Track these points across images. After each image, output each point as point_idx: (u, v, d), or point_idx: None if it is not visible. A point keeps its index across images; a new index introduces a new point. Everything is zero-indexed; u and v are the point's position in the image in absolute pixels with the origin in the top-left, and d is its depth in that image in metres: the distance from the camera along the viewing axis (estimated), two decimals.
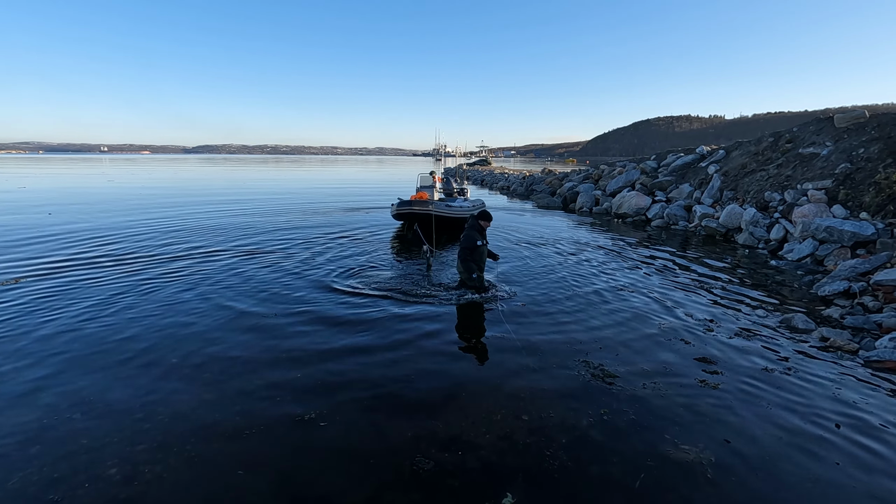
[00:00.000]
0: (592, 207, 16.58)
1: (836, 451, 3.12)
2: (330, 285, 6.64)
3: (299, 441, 3.15)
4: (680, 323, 5.42)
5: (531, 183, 24.22)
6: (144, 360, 4.32)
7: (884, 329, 5.05)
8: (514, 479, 2.80)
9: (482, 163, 57.50)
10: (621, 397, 3.76)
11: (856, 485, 2.80)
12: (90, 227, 11.41)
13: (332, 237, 10.44)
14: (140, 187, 24.74)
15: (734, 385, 3.98)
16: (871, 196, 8.83)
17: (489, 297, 6.15)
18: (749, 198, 11.64)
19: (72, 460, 2.93)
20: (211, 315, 5.46)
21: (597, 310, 5.79)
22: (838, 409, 3.64)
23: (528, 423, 3.38)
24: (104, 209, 14.94)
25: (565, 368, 4.25)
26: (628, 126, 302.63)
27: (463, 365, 4.34)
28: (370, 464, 2.93)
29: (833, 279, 6.58)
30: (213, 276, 7.10)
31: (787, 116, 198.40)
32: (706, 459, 2.98)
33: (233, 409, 3.52)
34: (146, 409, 3.51)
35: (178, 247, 9.19)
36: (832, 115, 12.34)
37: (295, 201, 18.55)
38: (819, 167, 10.75)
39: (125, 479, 2.77)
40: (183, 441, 3.12)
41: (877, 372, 4.26)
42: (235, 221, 12.82)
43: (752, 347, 4.77)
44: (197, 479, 2.79)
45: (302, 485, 2.76)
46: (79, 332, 4.93)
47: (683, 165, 15.91)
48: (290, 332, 5.00)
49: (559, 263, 8.22)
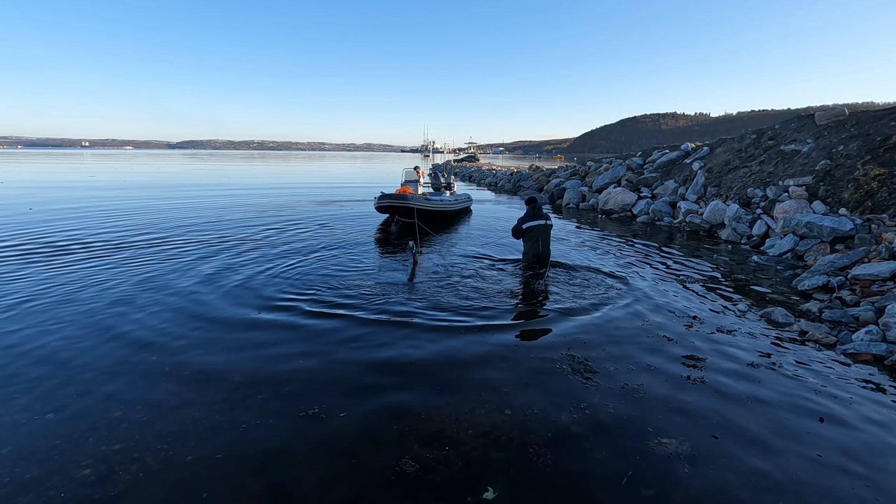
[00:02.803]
0: (579, 204, 16.66)
1: (817, 443, 3.17)
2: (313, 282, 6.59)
3: (280, 438, 3.11)
4: (663, 318, 5.47)
5: (519, 179, 24.28)
6: (122, 356, 4.23)
7: (860, 322, 5.16)
8: (496, 474, 2.80)
9: (470, 159, 57.43)
10: (604, 391, 3.78)
11: (835, 477, 2.85)
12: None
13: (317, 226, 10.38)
14: (122, 182, 24.33)
15: (716, 379, 4.03)
16: (850, 192, 9.00)
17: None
18: (732, 194, 11.79)
19: (44, 461, 2.86)
20: (184, 310, 5.38)
21: (579, 304, 5.82)
22: (817, 401, 3.70)
23: (511, 418, 3.38)
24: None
25: (549, 363, 4.26)
26: (615, 123, 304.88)
27: (446, 359, 4.32)
28: (353, 461, 2.91)
29: (812, 274, 6.70)
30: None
31: (771, 114, 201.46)
32: (687, 453, 3.01)
33: (213, 407, 3.46)
34: (123, 407, 3.44)
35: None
36: (813, 113, 12.54)
37: (284, 195, 18.42)
38: (800, 164, 10.93)
39: (99, 479, 2.72)
40: (160, 440, 3.06)
41: (853, 364, 4.35)
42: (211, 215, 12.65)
43: (734, 341, 4.83)
44: (174, 479, 2.74)
45: (283, 482, 2.72)
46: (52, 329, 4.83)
47: (668, 162, 16.07)
48: (271, 331, 4.94)
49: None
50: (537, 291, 6.30)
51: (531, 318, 5.39)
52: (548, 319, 5.33)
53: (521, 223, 7.00)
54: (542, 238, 6.94)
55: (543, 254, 6.92)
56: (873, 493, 2.71)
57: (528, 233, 6.95)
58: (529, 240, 6.99)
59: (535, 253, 6.91)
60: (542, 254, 6.92)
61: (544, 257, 6.92)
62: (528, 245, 6.99)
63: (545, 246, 6.95)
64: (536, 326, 5.13)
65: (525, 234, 7.00)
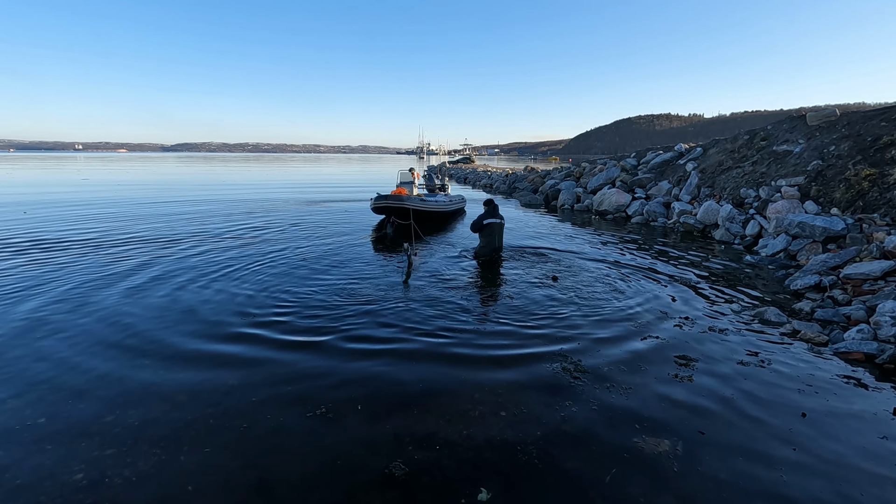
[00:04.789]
0: (574, 205, 16.71)
1: (805, 441, 3.20)
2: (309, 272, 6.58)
3: (275, 441, 3.11)
4: (655, 317, 5.50)
5: (514, 181, 24.31)
6: (116, 355, 4.21)
7: (852, 321, 5.20)
8: (490, 475, 2.81)
9: (466, 161, 57.47)
10: (596, 391, 3.79)
11: (825, 475, 2.87)
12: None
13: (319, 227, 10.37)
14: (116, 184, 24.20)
15: (707, 378, 4.05)
16: (841, 192, 9.07)
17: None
18: (725, 194, 11.86)
19: (36, 466, 2.84)
20: (181, 308, 5.36)
21: (573, 305, 5.83)
22: (807, 399, 3.73)
23: (505, 419, 3.39)
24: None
25: (542, 363, 4.28)
26: (610, 124, 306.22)
27: (440, 361, 4.32)
28: (347, 463, 2.90)
29: (805, 273, 6.74)
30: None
31: (763, 115, 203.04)
32: (677, 453, 3.02)
33: (205, 410, 3.45)
34: (115, 411, 3.42)
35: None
36: (805, 114, 12.64)
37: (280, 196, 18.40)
38: (792, 164, 11.01)
39: (92, 483, 2.70)
40: (152, 444, 3.05)
41: (845, 363, 4.38)
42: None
43: (726, 341, 4.86)
44: (166, 482, 2.72)
45: (277, 485, 2.72)
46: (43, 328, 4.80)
47: (662, 163, 16.14)
48: (272, 331, 4.93)
49: (536, 259, 8.26)
50: (530, 293, 6.31)
51: (522, 318, 5.39)
52: (541, 321, 5.34)
53: (482, 219, 8.11)
54: (498, 233, 8.16)
55: (498, 247, 8.21)
56: (859, 491, 2.73)
57: (486, 228, 8.06)
58: (487, 235, 8.08)
59: (491, 246, 8.08)
60: (498, 247, 8.19)
61: (499, 249, 8.22)
62: (485, 239, 8.11)
63: (500, 240, 8.21)
64: (527, 327, 5.14)
65: (484, 230, 8.09)
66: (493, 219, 8.07)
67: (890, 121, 10.11)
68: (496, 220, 8.10)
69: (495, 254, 8.12)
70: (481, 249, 8.13)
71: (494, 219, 8.10)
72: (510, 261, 8.10)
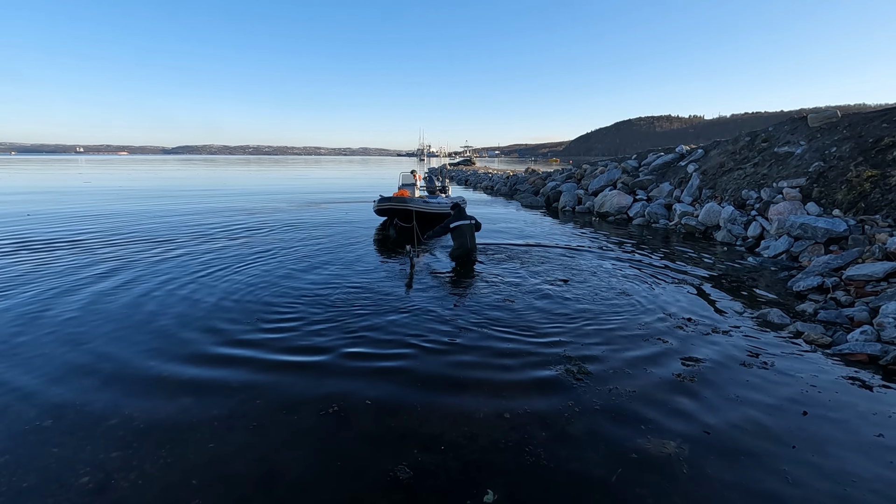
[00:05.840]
0: (575, 206, 16.72)
1: (809, 442, 3.20)
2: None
3: (279, 442, 3.11)
4: (658, 319, 5.50)
5: (515, 183, 24.32)
6: (116, 361, 4.22)
7: (855, 323, 5.20)
8: (496, 476, 2.81)
9: (466, 163, 57.57)
10: (600, 392, 3.80)
11: (828, 475, 2.87)
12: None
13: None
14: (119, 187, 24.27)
15: (710, 380, 4.05)
16: (843, 193, 9.08)
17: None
18: (727, 196, 11.87)
19: (42, 469, 2.85)
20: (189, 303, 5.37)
21: (575, 307, 5.84)
22: (811, 400, 3.73)
23: (510, 421, 3.39)
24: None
25: (546, 365, 4.28)
26: (611, 126, 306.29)
27: (442, 362, 4.33)
28: (352, 465, 2.91)
29: (807, 275, 6.74)
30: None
31: (764, 116, 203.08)
32: (682, 453, 3.03)
33: (210, 412, 3.46)
34: (120, 414, 3.43)
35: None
36: (806, 116, 12.65)
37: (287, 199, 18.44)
38: (794, 166, 11.02)
39: (98, 487, 2.71)
40: (158, 446, 3.06)
41: (848, 364, 4.38)
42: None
43: (729, 342, 4.86)
44: (172, 485, 2.73)
45: (282, 487, 2.72)
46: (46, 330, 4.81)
47: (663, 164, 16.15)
48: (273, 332, 4.95)
49: (539, 261, 8.27)
50: (532, 295, 6.32)
51: (526, 320, 5.40)
52: (542, 322, 5.35)
53: (449, 223, 8.44)
54: (469, 234, 8.36)
55: (471, 247, 8.33)
56: (863, 492, 2.73)
57: (456, 231, 8.34)
58: (459, 237, 8.33)
59: (464, 247, 8.25)
60: (470, 247, 8.31)
61: (472, 250, 8.34)
62: (458, 241, 8.34)
63: (472, 241, 8.38)
64: (531, 329, 5.14)
65: (454, 232, 8.36)
66: (460, 221, 8.42)
67: (891, 122, 10.12)
68: (465, 222, 8.42)
69: (470, 254, 8.34)
70: (454, 251, 8.39)
71: (462, 220, 8.43)
72: (511, 262, 8.12)
